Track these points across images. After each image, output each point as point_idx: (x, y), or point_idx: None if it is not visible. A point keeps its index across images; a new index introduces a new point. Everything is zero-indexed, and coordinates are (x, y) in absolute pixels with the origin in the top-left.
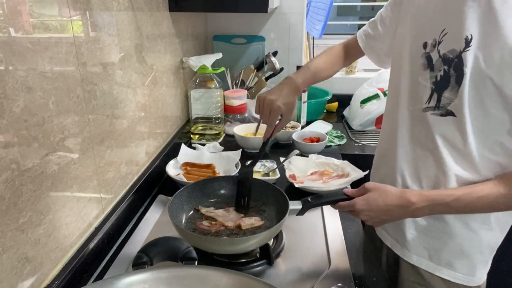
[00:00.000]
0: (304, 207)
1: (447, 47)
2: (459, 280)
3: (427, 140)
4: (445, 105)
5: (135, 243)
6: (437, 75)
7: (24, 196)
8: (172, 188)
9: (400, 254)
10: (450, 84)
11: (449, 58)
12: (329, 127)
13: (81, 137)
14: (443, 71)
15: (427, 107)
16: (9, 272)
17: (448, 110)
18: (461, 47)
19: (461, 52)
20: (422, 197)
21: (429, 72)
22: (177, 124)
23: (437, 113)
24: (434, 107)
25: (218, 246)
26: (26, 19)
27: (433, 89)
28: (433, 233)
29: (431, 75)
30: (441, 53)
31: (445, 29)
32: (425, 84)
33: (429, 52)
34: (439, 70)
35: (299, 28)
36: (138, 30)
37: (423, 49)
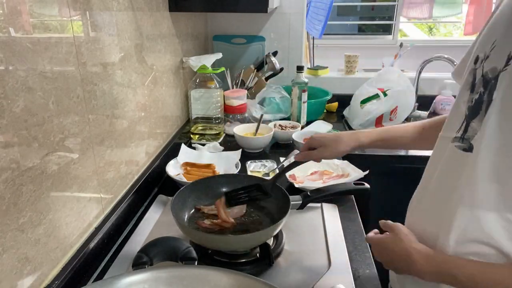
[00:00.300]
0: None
1: (490, 65)
2: None
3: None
4: (469, 138)
5: (135, 243)
6: (473, 99)
7: (24, 196)
8: (172, 188)
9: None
10: (480, 111)
11: (488, 78)
12: (329, 127)
13: (81, 137)
14: (479, 94)
15: (455, 137)
16: (9, 272)
17: (470, 144)
18: (501, 66)
19: (499, 71)
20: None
21: (469, 94)
22: (177, 124)
23: (459, 146)
24: (460, 137)
25: (223, 244)
26: (26, 19)
27: (466, 116)
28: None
29: (469, 98)
30: (484, 71)
31: (496, 40)
32: (462, 109)
33: (476, 68)
34: (476, 92)
35: (299, 28)
36: (138, 30)
37: (474, 65)
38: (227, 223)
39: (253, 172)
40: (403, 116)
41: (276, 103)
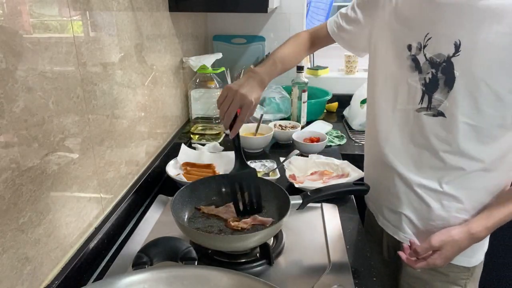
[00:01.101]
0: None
1: (433, 51)
2: (458, 261)
3: (421, 138)
4: (436, 106)
5: (135, 243)
6: (426, 78)
7: (24, 196)
8: (172, 188)
9: (401, 240)
10: (439, 86)
11: (436, 62)
12: (329, 127)
13: (81, 137)
14: (431, 74)
15: (420, 108)
16: (9, 272)
17: (439, 111)
18: (449, 52)
19: (450, 57)
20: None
21: (417, 74)
22: (177, 124)
23: (429, 114)
24: (426, 107)
25: (223, 244)
26: (26, 19)
27: (424, 91)
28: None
29: (420, 77)
30: (427, 57)
31: (429, 33)
32: (416, 86)
33: (415, 54)
34: (427, 72)
35: (299, 28)
36: (138, 30)
37: (408, 51)
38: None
39: None
40: None
41: (276, 103)
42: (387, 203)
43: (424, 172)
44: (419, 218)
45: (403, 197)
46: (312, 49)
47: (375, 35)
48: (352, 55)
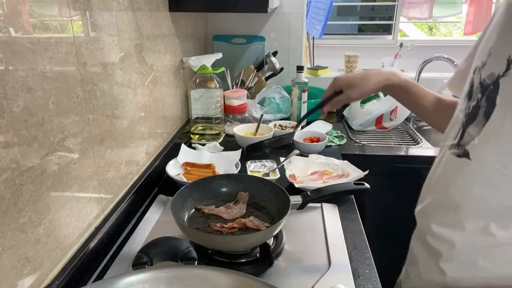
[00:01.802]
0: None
1: (487, 71)
2: None
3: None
4: (464, 144)
5: (135, 243)
6: (470, 106)
7: (24, 196)
8: (172, 188)
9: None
10: (477, 117)
11: (486, 85)
12: (329, 127)
13: (81, 137)
14: (476, 100)
15: (452, 144)
16: (9, 272)
17: (465, 150)
18: (500, 70)
19: (499, 77)
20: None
21: (466, 101)
22: (177, 124)
23: (455, 152)
24: (456, 144)
25: (223, 244)
26: (26, 19)
27: (463, 123)
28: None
29: (466, 106)
30: (481, 78)
31: (492, 47)
32: (460, 117)
33: (473, 77)
34: (474, 99)
35: (299, 28)
36: (138, 30)
37: (472, 74)
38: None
39: (253, 172)
40: (403, 116)
41: (276, 103)
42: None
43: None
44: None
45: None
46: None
47: None
48: (352, 55)
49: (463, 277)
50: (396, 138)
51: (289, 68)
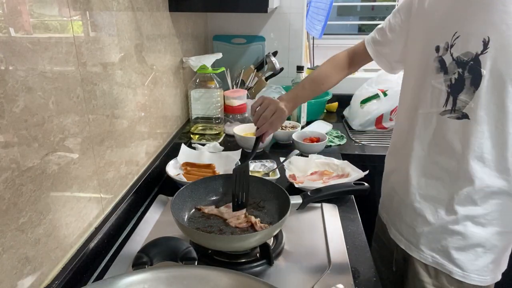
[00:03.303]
0: (304, 201)
1: (460, 50)
2: (472, 280)
3: (444, 143)
4: (461, 108)
5: (135, 243)
6: (452, 78)
7: (24, 196)
8: (172, 188)
9: (414, 255)
10: (465, 86)
11: (463, 61)
12: (329, 127)
13: (81, 137)
14: (458, 74)
15: (444, 111)
16: (9, 272)
17: (463, 113)
18: (478, 50)
19: (478, 55)
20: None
21: (443, 75)
22: (177, 124)
23: (453, 116)
24: (450, 110)
25: (223, 244)
26: (26, 19)
27: (449, 92)
28: (446, 233)
29: (445, 78)
30: (454, 56)
31: (457, 32)
32: (440, 88)
33: (441, 55)
34: (453, 73)
35: (299, 28)
36: (138, 30)
37: (436, 53)
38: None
39: (253, 172)
40: None
41: None
42: (401, 214)
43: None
44: (434, 233)
45: (417, 209)
46: (351, 68)
47: (409, 43)
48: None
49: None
50: None
51: (289, 68)
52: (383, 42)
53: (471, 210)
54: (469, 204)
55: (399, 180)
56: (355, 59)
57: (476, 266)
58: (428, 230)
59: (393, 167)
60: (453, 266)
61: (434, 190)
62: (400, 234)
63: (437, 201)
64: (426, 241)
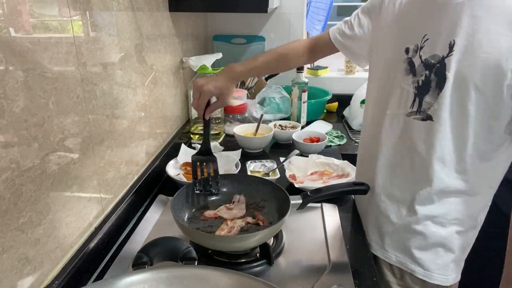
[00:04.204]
0: (304, 201)
1: (428, 53)
2: (435, 279)
3: (408, 143)
4: (425, 110)
5: (135, 243)
6: (419, 80)
7: (24, 196)
8: (172, 188)
9: (379, 255)
10: (431, 88)
11: (430, 63)
12: (329, 127)
13: (81, 137)
14: (425, 76)
15: (410, 112)
16: (9, 272)
17: (428, 114)
18: (444, 53)
19: (444, 58)
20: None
21: (411, 77)
22: (177, 124)
23: (418, 118)
24: (416, 111)
25: (223, 244)
26: (26, 19)
27: (416, 94)
28: (408, 233)
29: (413, 80)
30: (422, 58)
31: (427, 34)
32: (408, 89)
33: (411, 57)
34: (420, 75)
35: (299, 28)
36: (138, 30)
37: (406, 55)
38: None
39: (253, 172)
40: None
41: (276, 103)
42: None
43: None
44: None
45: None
46: (311, 56)
47: (376, 41)
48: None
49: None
50: None
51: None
52: (351, 36)
53: (431, 210)
54: (429, 204)
55: (366, 179)
56: (316, 48)
57: (438, 265)
58: (392, 230)
59: (361, 167)
60: (415, 265)
61: (398, 190)
62: (367, 234)
63: (400, 201)
64: (390, 241)
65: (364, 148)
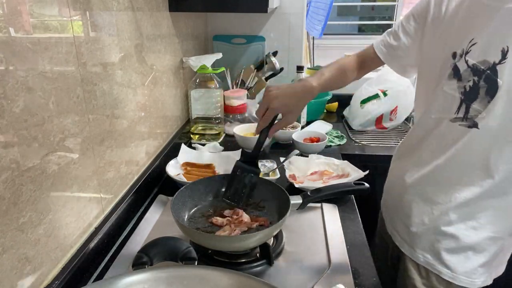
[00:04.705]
0: (304, 201)
1: (477, 58)
2: (461, 282)
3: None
4: (473, 117)
5: (135, 243)
6: (466, 86)
7: (24, 196)
8: (172, 188)
9: (407, 253)
10: (479, 95)
11: (479, 69)
12: (329, 127)
13: (81, 137)
14: (473, 82)
15: (456, 118)
16: (9, 272)
17: (474, 122)
18: (496, 59)
19: (495, 64)
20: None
21: (456, 82)
22: (177, 124)
23: (464, 124)
24: (462, 118)
25: (223, 244)
26: (26, 19)
27: (462, 100)
28: (439, 235)
29: (459, 85)
30: (469, 63)
31: (474, 39)
32: (454, 94)
33: (455, 62)
34: (467, 80)
35: (299, 28)
36: (138, 30)
37: (453, 59)
38: None
39: None
40: (403, 116)
41: None
42: (398, 212)
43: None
44: (427, 234)
45: (414, 209)
46: (360, 73)
47: (424, 48)
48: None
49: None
50: (396, 138)
51: (289, 68)
52: (397, 46)
53: (465, 214)
54: (464, 208)
55: (400, 178)
56: (364, 64)
57: (465, 269)
58: (422, 231)
59: (398, 164)
60: (442, 267)
61: (432, 193)
62: (395, 231)
63: (434, 203)
64: (419, 241)
65: (405, 147)
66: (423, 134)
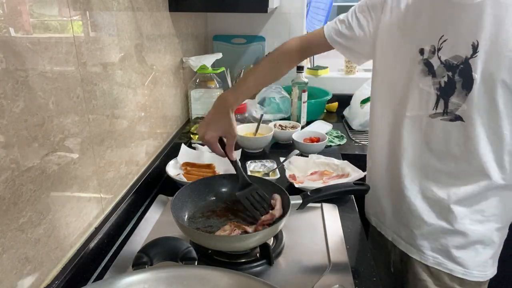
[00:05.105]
0: (304, 201)
1: (449, 54)
2: (474, 277)
3: (438, 145)
4: (453, 111)
5: (135, 243)
6: (441, 81)
7: (24, 196)
8: (172, 188)
9: (415, 257)
10: (456, 89)
11: (453, 65)
12: (329, 127)
13: (81, 137)
14: (447, 77)
15: (435, 113)
16: (9, 272)
17: (456, 115)
18: (467, 54)
19: (468, 58)
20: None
21: (431, 78)
22: (177, 124)
23: (446, 118)
24: (442, 112)
25: (223, 244)
26: (26, 19)
27: (439, 95)
28: (446, 233)
29: (434, 81)
30: (442, 60)
31: (444, 35)
32: (429, 90)
33: (427, 58)
34: (442, 76)
35: (299, 28)
36: (138, 30)
37: (420, 55)
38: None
39: (253, 172)
40: None
41: (276, 103)
42: (396, 217)
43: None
44: (433, 234)
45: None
46: (303, 57)
47: (381, 41)
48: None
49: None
50: None
51: None
52: (350, 37)
53: (468, 208)
54: (466, 202)
55: (390, 184)
56: (308, 49)
57: (477, 263)
58: (427, 231)
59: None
60: (454, 264)
61: (430, 191)
62: (398, 236)
63: (434, 201)
64: (426, 242)
65: (379, 151)
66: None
